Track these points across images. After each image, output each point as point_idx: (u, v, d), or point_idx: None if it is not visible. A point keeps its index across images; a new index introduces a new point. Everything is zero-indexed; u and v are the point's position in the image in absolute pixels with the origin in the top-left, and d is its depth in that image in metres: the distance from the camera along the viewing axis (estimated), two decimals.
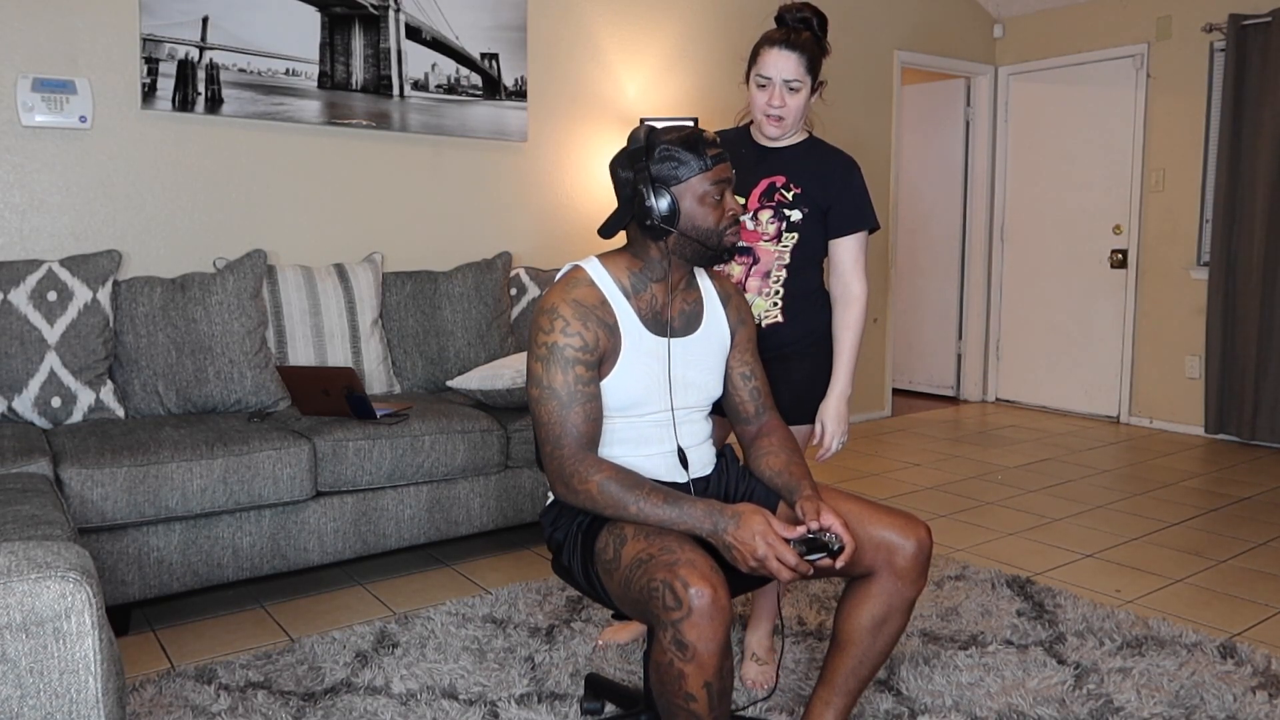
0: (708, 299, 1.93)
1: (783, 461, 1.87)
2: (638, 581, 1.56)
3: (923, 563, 1.76)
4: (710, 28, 4.83)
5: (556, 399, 1.70)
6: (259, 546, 2.74)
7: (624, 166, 1.79)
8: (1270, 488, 4.26)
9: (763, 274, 2.23)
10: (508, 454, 3.17)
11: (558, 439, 1.70)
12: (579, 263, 1.83)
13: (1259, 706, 2.21)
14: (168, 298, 3.08)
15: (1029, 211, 6.18)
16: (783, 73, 2.13)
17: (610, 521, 1.71)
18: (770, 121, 2.18)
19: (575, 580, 1.80)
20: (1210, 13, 5.25)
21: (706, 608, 1.45)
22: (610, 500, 1.65)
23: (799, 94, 2.15)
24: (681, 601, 1.46)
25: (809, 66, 2.15)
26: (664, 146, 1.75)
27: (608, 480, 1.65)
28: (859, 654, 1.82)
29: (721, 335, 1.93)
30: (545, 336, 1.73)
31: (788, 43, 2.13)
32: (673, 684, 1.50)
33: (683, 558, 1.52)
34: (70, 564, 1.26)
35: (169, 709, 2.17)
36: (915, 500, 4.04)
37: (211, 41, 3.38)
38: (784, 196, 2.21)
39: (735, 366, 1.95)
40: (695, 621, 1.45)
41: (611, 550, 1.66)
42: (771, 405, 1.98)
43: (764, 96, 2.17)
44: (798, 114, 2.17)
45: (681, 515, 1.62)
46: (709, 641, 1.46)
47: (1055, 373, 6.11)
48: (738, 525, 1.58)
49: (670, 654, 1.48)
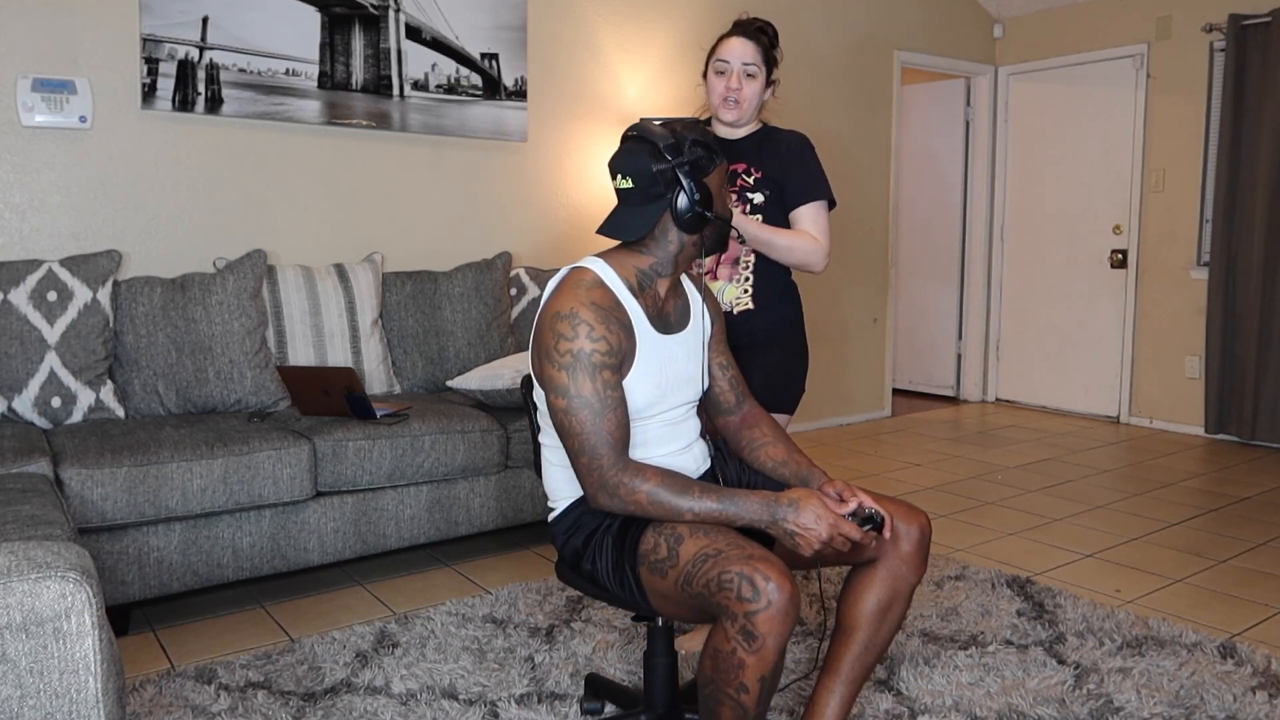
0: (690, 294, 1.96)
1: (784, 452, 1.91)
2: (704, 575, 1.57)
3: (924, 548, 1.82)
4: (710, 28, 4.83)
5: (589, 408, 1.66)
6: (259, 546, 2.74)
7: (657, 159, 1.73)
8: (1270, 488, 4.26)
9: (731, 261, 2.33)
10: (508, 454, 3.17)
11: (594, 449, 1.66)
12: (582, 264, 1.79)
13: (1259, 706, 2.21)
14: (168, 298, 3.08)
15: (1029, 211, 6.18)
16: (741, 57, 2.29)
17: (654, 523, 1.70)
18: (727, 107, 2.31)
19: (597, 583, 1.79)
20: (1210, 13, 5.25)
21: (785, 603, 1.49)
22: (663, 508, 1.66)
23: (755, 80, 2.30)
24: (760, 593, 1.49)
25: (764, 56, 2.30)
26: (694, 138, 1.77)
27: (657, 489, 1.65)
28: (864, 640, 1.84)
29: (706, 329, 1.95)
30: (568, 344, 1.67)
31: (745, 33, 2.31)
32: (730, 673, 1.53)
33: (757, 553, 1.56)
34: (70, 564, 1.26)
35: (169, 709, 2.17)
36: (915, 500, 4.04)
37: (211, 41, 3.38)
38: (745, 181, 2.32)
39: (713, 358, 1.98)
40: (772, 615, 1.49)
41: (665, 549, 1.65)
42: (749, 394, 2.02)
43: (722, 82, 2.31)
44: (753, 100, 2.31)
45: (739, 510, 1.65)
46: (778, 636, 1.50)
47: (1055, 373, 6.11)
48: (798, 512, 1.62)
49: (735, 643, 1.51)
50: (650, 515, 1.67)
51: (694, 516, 1.65)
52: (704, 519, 1.65)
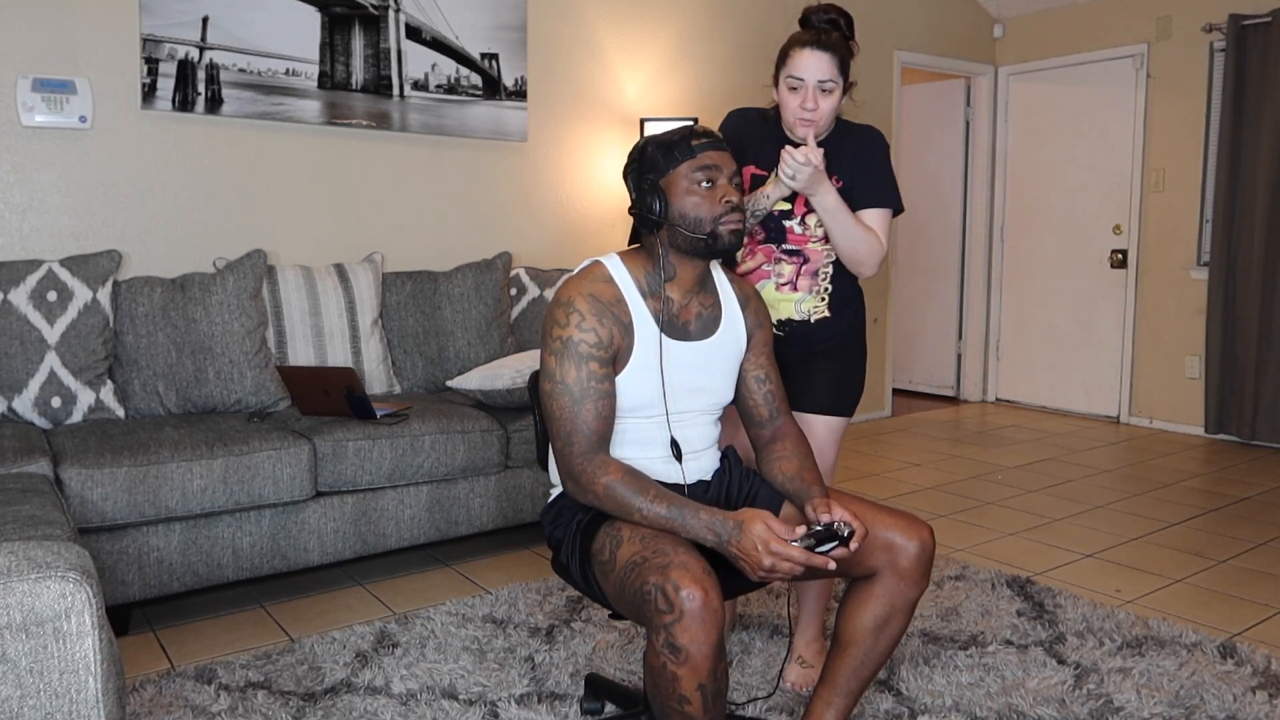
0: (726, 302, 1.92)
1: (795, 467, 1.86)
2: (631, 584, 1.56)
3: (925, 563, 1.76)
4: (710, 28, 4.83)
5: (569, 394, 1.70)
6: (259, 546, 2.74)
7: (627, 173, 1.85)
8: (1270, 488, 4.26)
9: (812, 273, 2.24)
10: (508, 454, 3.17)
11: (569, 435, 1.70)
12: (599, 258, 1.84)
13: (1259, 706, 2.21)
14: (168, 298, 3.08)
15: (1029, 211, 6.18)
16: (816, 74, 2.09)
17: (608, 522, 1.71)
18: (803, 125, 2.14)
19: (573, 579, 1.80)
20: (1210, 13, 5.25)
21: (698, 610, 1.45)
22: (616, 503, 1.66)
23: (832, 95, 2.12)
24: (673, 604, 1.46)
25: (841, 67, 2.11)
26: (652, 144, 1.80)
27: (615, 483, 1.66)
28: (860, 654, 1.82)
29: (739, 339, 1.91)
30: (560, 330, 1.73)
31: (819, 43, 2.09)
32: (666, 686, 1.50)
33: (675, 560, 1.51)
34: (70, 564, 1.26)
35: (169, 709, 2.17)
36: (915, 500, 4.04)
37: (211, 41, 3.38)
38: None
39: (750, 370, 1.94)
40: (687, 624, 1.45)
41: (607, 552, 1.66)
42: (786, 409, 1.97)
43: (796, 99, 2.13)
44: (830, 116, 2.14)
45: (686, 523, 1.62)
46: (701, 644, 1.46)
47: (1055, 373, 6.11)
48: (740, 535, 1.57)
49: (663, 657, 1.48)
50: (606, 508, 1.68)
51: (642, 518, 1.64)
52: (651, 523, 1.64)
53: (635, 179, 1.82)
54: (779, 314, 2.25)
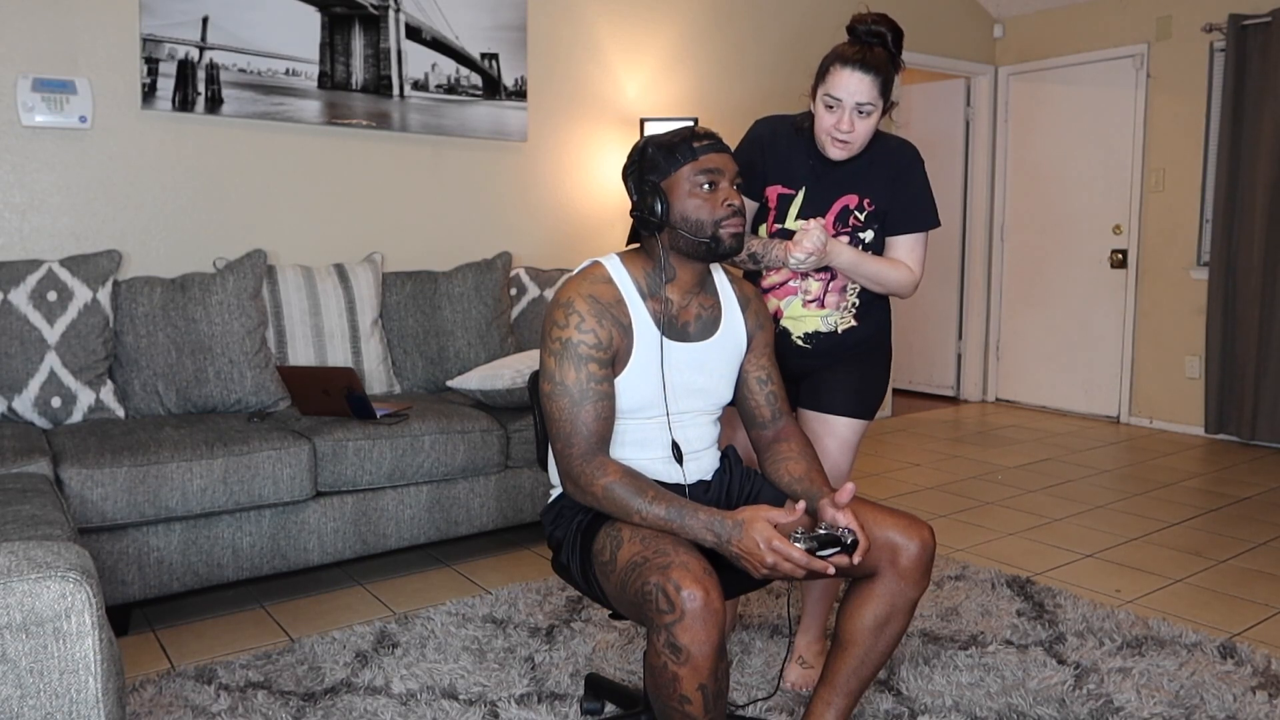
0: (726, 304, 1.92)
1: (803, 469, 1.85)
2: (633, 584, 1.56)
3: (926, 564, 1.75)
4: (710, 28, 4.83)
5: (568, 395, 1.70)
6: (259, 546, 2.74)
7: (627, 174, 1.84)
8: (1270, 488, 4.26)
9: (840, 289, 2.20)
10: (508, 454, 3.17)
11: (568, 437, 1.70)
12: (599, 259, 1.83)
13: (1259, 706, 2.21)
14: (168, 298, 3.08)
15: (1029, 211, 6.18)
16: (855, 96, 2.00)
17: (609, 522, 1.71)
18: (835, 146, 2.07)
19: (573, 579, 1.80)
20: (1210, 13, 5.25)
21: (699, 610, 1.45)
22: (616, 504, 1.66)
23: (870, 118, 2.03)
24: (674, 604, 1.46)
25: (882, 88, 2.01)
26: (653, 145, 1.79)
27: (614, 484, 1.66)
28: (860, 654, 1.82)
29: (738, 340, 1.91)
30: (560, 331, 1.72)
31: (862, 63, 1.99)
32: (667, 687, 1.49)
33: (676, 560, 1.51)
34: (70, 564, 1.26)
35: (169, 709, 2.17)
36: (916, 500, 4.04)
37: (211, 41, 3.38)
38: (858, 220, 2.15)
39: (751, 371, 1.93)
40: (688, 624, 1.45)
41: (608, 552, 1.66)
42: (787, 410, 1.96)
43: (831, 119, 2.04)
44: (865, 139, 2.06)
45: (685, 524, 1.62)
46: (702, 644, 1.46)
47: (1055, 373, 6.11)
48: (741, 535, 1.57)
49: (664, 657, 1.48)
50: (605, 510, 1.68)
51: (641, 520, 1.64)
52: (651, 524, 1.64)
53: (636, 180, 1.81)
54: (805, 328, 2.20)
